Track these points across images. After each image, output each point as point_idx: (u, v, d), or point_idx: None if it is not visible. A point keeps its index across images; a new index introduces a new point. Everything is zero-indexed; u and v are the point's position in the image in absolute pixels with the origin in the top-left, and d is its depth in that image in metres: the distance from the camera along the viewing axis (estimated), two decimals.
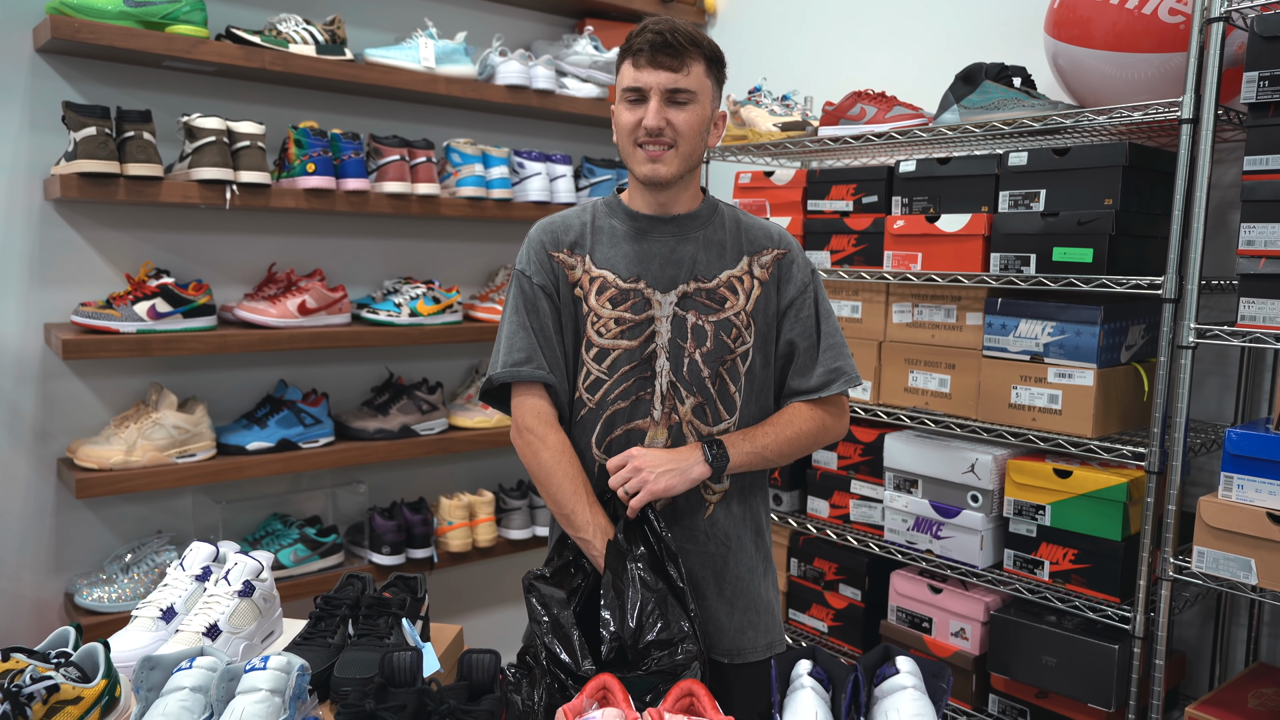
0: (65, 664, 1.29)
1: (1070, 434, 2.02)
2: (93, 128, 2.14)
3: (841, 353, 1.68)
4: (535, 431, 1.61)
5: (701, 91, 1.56)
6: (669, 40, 1.52)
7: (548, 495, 1.60)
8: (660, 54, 1.52)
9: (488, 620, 3.17)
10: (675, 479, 1.54)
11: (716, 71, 1.60)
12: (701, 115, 1.57)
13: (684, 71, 1.54)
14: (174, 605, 1.56)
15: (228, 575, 1.58)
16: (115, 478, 2.24)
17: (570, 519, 1.57)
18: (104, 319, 2.24)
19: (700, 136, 1.59)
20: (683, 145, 1.56)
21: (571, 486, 1.57)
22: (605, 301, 1.62)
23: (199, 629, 1.50)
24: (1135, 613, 1.91)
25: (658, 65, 1.53)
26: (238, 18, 2.54)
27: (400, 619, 1.53)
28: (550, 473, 1.59)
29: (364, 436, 2.65)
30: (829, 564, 2.51)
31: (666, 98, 1.54)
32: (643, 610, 1.41)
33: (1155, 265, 1.95)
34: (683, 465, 1.55)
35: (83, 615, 2.26)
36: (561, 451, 1.59)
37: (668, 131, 1.55)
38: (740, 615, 1.67)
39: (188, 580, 1.61)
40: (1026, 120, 2.04)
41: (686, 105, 1.55)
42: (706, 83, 1.57)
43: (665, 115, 1.54)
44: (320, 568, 2.58)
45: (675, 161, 1.57)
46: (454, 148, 2.77)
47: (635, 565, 1.46)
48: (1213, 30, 1.76)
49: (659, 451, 1.57)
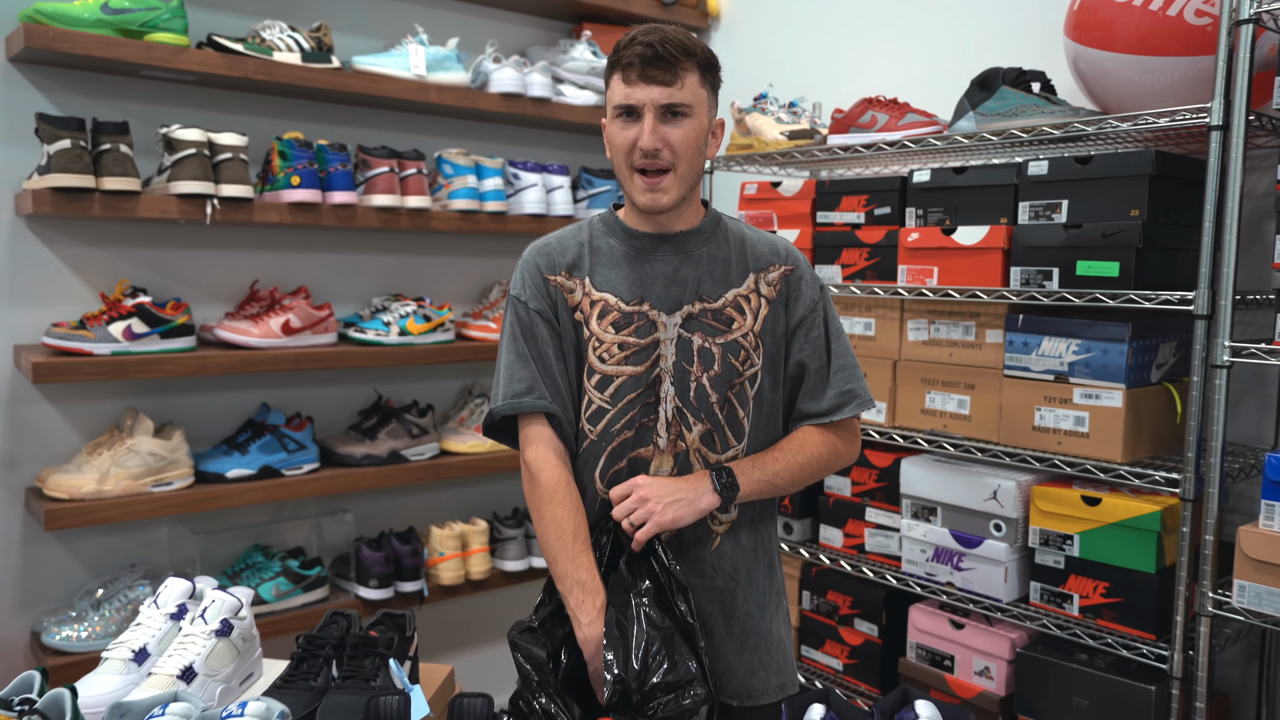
0: (29, 712, 1.26)
1: (1099, 458, 1.99)
2: (67, 140, 2.13)
3: (854, 374, 1.66)
4: (533, 467, 1.60)
5: (697, 103, 1.54)
6: (660, 52, 1.49)
7: (538, 535, 1.60)
8: (651, 67, 1.50)
9: (481, 658, 3.13)
10: (683, 509, 1.51)
11: (712, 79, 1.58)
12: (699, 129, 1.55)
13: (678, 84, 1.51)
14: (146, 646, 1.53)
15: (204, 613, 1.55)
16: (87, 508, 2.22)
17: (552, 566, 1.56)
18: (77, 340, 2.22)
19: (699, 152, 1.56)
20: (681, 165, 1.54)
21: (557, 533, 1.55)
22: (608, 326, 1.59)
23: (173, 671, 1.46)
24: (1172, 651, 1.87)
25: (650, 80, 1.50)
26: (219, 25, 2.54)
27: (387, 660, 1.50)
28: (540, 514, 1.58)
29: (351, 463, 2.63)
30: (843, 597, 2.47)
31: (661, 114, 1.52)
32: (648, 650, 1.38)
33: (1186, 279, 1.93)
34: (691, 495, 1.53)
35: (50, 656, 2.23)
36: (555, 491, 1.57)
37: (665, 153, 1.52)
38: (750, 654, 1.64)
39: (161, 619, 1.57)
40: (1046, 127, 2.02)
41: (683, 120, 1.53)
42: (702, 93, 1.55)
43: (661, 134, 1.52)
44: (303, 603, 2.55)
45: (675, 186, 1.55)
46: (446, 159, 2.75)
47: (640, 600, 1.43)
48: (1242, 32, 1.74)
49: (665, 480, 1.55)
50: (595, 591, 1.51)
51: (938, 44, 2.67)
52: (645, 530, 1.50)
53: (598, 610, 1.50)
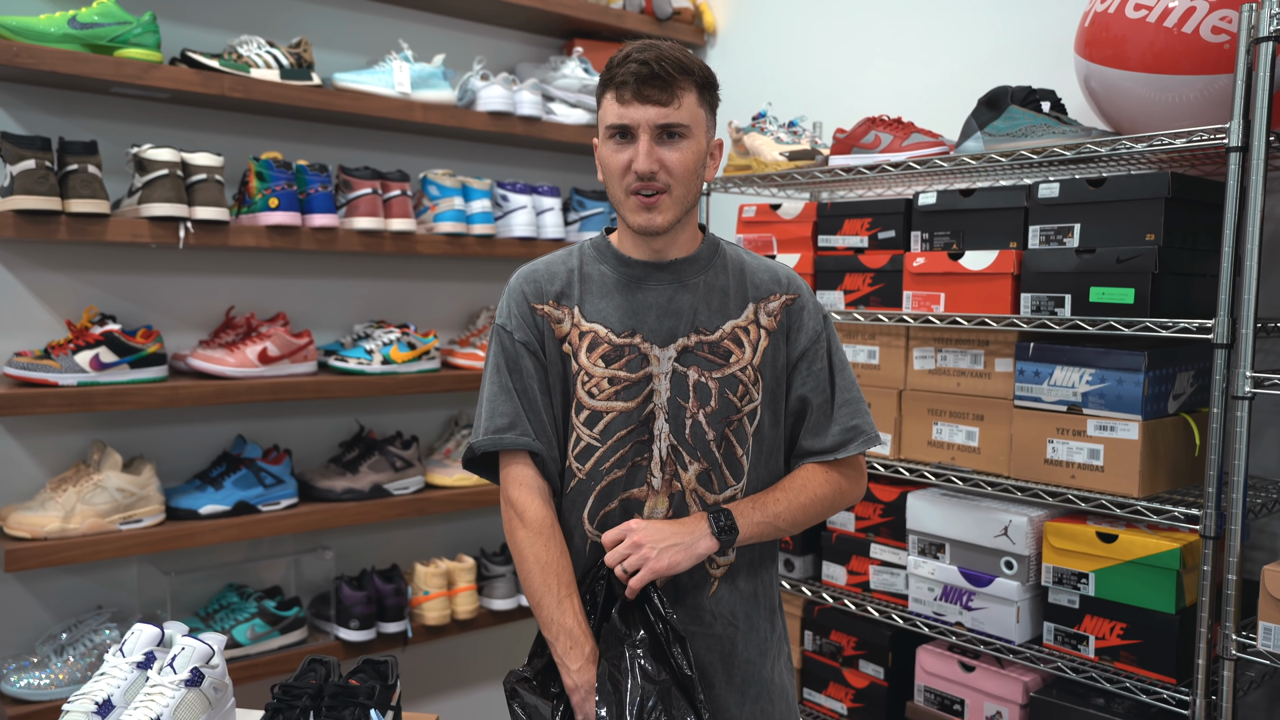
0: None
1: (1114, 493, 1.98)
2: (32, 160, 2.12)
3: (859, 409, 1.65)
4: (516, 507, 1.58)
5: (695, 124, 1.53)
6: (656, 70, 1.47)
7: (521, 580, 1.58)
8: (647, 86, 1.48)
9: (468, 703, 3.10)
10: (679, 555, 1.50)
11: (710, 98, 1.57)
12: (697, 151, 1.53)
13: (675, 104, 1.49)
14: (111, 697, 1.50)
15: (173, 662, 1.52)
16: (50, 547, 2.19)
17: (537, 612, 1.55)
18: (41, 370, 2.20)
19: (696, 175, 1.55)
20: (678, 188, 1.52)
21: (541, 576, 1.54)
22: (597, 359, 1.57)
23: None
24: (1194, 695, 1.85)
25: (645, 99, 1.49)
26: (194, 40, 2.53)
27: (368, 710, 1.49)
28: (522, 558, 1.57)
29: (331, 497, 2.61)
30: (847, 637, 2.45)
31: (657, 135, 1.50)
32: (643, 705, 1.36)
33: (1204, 307, 1.92)
34: (687, 539, 1.51)
35: (10, 705, 2.19)
36: (538, 532, 1.56)
37: (661, 175, 1.51)
38: (752, 704, 1.62)
39: (127, 668, 1.55)
40: (1057, 148, 2.02)
41: (680, 142, 1.51)
42: (700, 113, 1.54)
43: (657, 155, 1.50)
44: (280, 645, 2.51)
45: (671, 208, 1.53)
46: (431, 180, 2.75)
47: (634, 652, 1.41)
48: (1261, 50, 1.74)
49: (660, 524, 1.53)
50: (583, 637, 1.50)
51: (944, 61, 2.68)
52: (639, 578, 1.48)
53: (585, 657, 1.48)
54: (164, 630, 1.62)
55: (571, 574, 1.55)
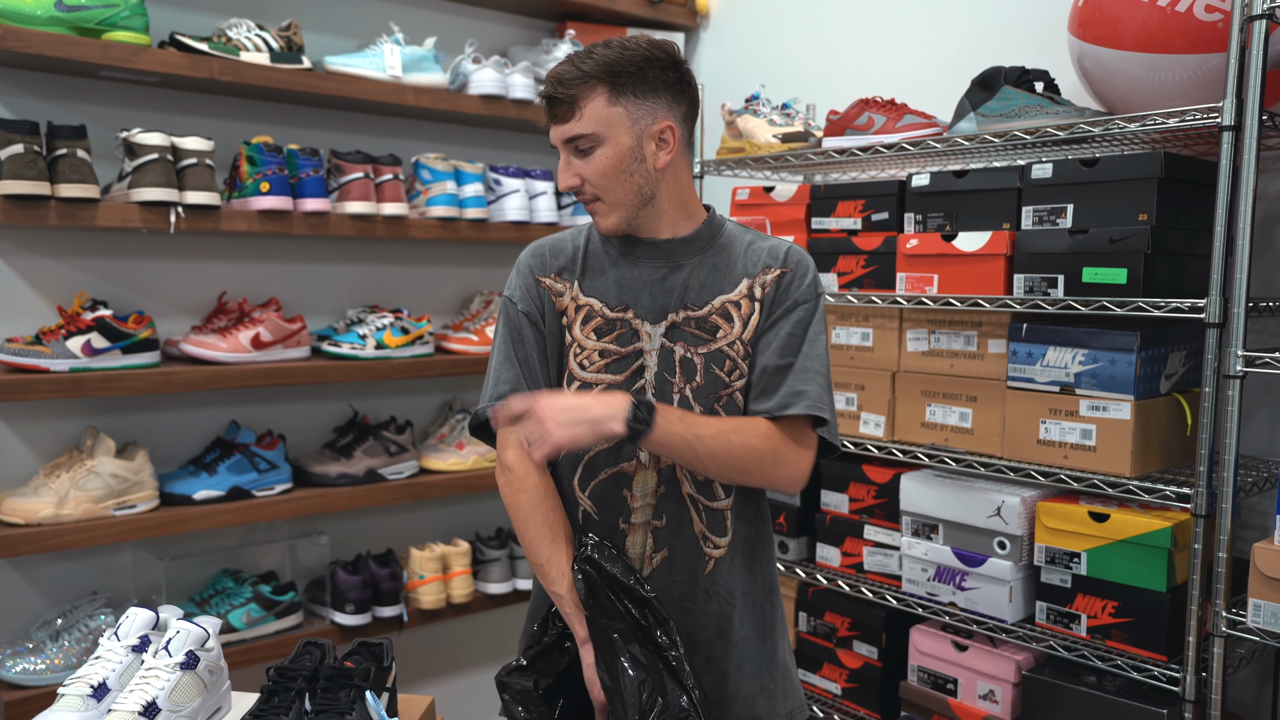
0: None
1: (1106, 473, 1.99)
2: (20, 145, 2.11)
3: (813, 379, 1.56)
4: (515, 471, 1.60)
5: (606, 127, 1.54)
6: (554, 91, 1.55)
7: (523, 542, 1.61)
8: (553, 105, 1.57)
9: (464, 686, 3.11)
10: (582, 430, 1.44)
11: (631, 86, 1.53)
12: (615, 152, 1.54)
13: (576, 117, 1.54)
14: (106, 680, 1.50)
15: (168, 645, 1.52)
16: (44, 533, 2.19)
17: (544, 570, 1.57)
18: (32, 356, 2.19)
19: (624, 173, 1.55)
20: (606, 193, 1.57)
21: (550, 534, 1.57)
22: (590, 332, 1.61)
23: (135, 708, 1.44)
24: (1184, 672, 1.86)
25: (553, 118, 1.57)
26: (183, 23, 2.52)
27: (364, 691, 1.49)
28: (527, 518, 1.58)
29: (325, 482, 2.61)
30: (841, 618, 2.46)
31: (572, 149, 1.57)
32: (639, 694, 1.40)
33: (1196, 286, 1.92)
34: (595, 415, 1.45)
35: (5, 690, 2.20)
36: (542, 495, 1.59)
37: (586, 186, 1.58)
38: (750, 681, 1.63)
39: (122, 651, 1.55)
40: (1050, 129, 2.02)
41: (592, 151, 1.56)
42: (612, 112, 1.53)
43: (575, 169, 1.57)
44: (276, 630, 2.52)
45: (610, 212, 1.59)
46: (423, 164, 2.74)
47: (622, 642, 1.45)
48: (1254, 28, 1.74)
49: (571, 397, 1.49)
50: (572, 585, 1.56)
51: (937, 42, 2.67)
52: (539, 449, 1.44)
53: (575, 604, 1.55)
54: (159, 614, 1.63)
55: (564, 522, 1.60)
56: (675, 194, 1.62)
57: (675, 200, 1.62)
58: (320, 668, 1.54)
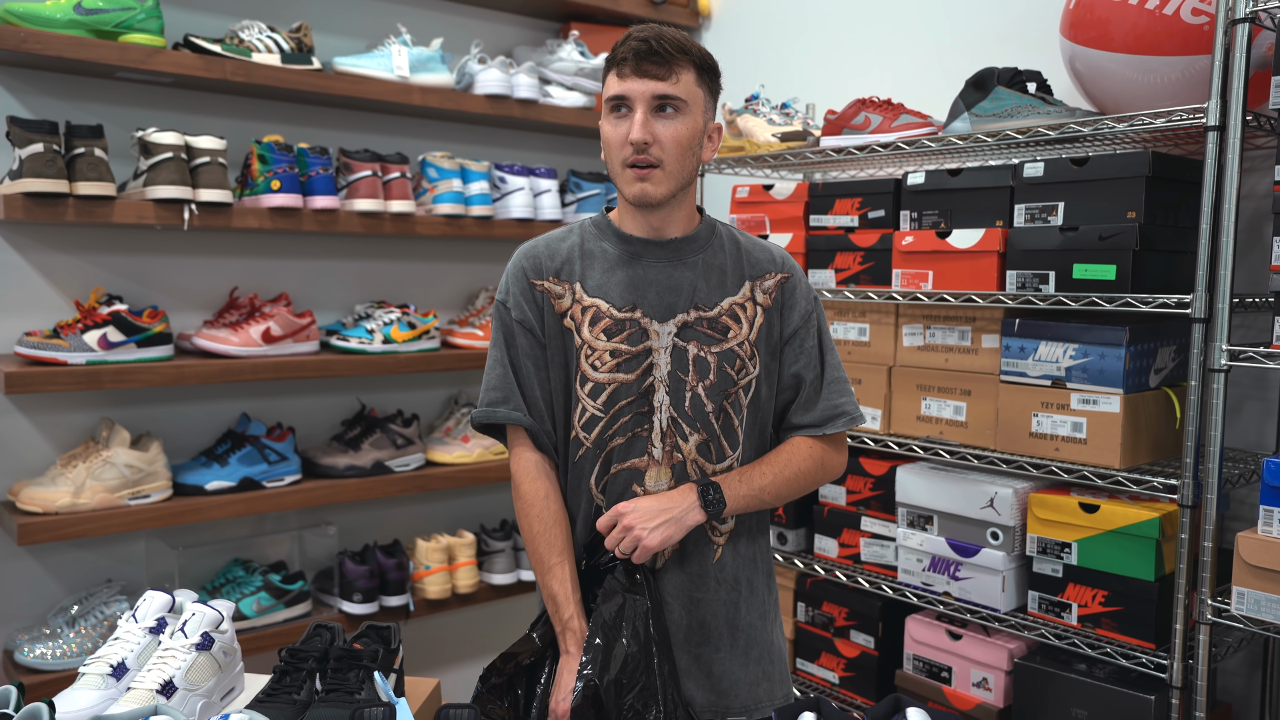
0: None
1: (1096, 465, 2.03)
2: (40, 144, 2.14)
3: (844, 388, 1.72)
4: (518, 483, 1.66)
5: (692, 101, 1.56)
6: (654, 47, 1.52)
7: (531, 561, 1.66)
8: (646, 61, 1.52)
9: (468, 674, 3.14)
10: (671, 529, 1.56)
11: (709, 81, 1.60)
12: (692, 128, 1.57)
13: (672, 79, 1.53)
14: (125, 660, 1.54)
15: (184, 627, 1.56)
16: (61, 522, 2.23)
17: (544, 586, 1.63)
18: (50, 349, 2.23)
19: (691, 152, 1.58)
20: (670, 162, 1.55)
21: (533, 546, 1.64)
22: (600, 333, 1.61)
23: (152, 686, 1.47)
24: (1172, 660, 1.90)
25: (643, 74, 1.53)
26: (196, 25, 2.56)
27: (372, 672, 1.52)
28: (531, 536, 1.64)
29: (333, 474, 2.64)
30: (839, 608, 2.49)
31: (654, 108, 1.54)
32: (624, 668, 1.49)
33: (1183, 282, 1.96)
34: (677, 513, 1.57)
35: (24, 674, 2.24)
36: (541, 511, 1.63)
37: (654, 148, 1.54)
38: (755, 666, 1.68)
39: (140, 633, 1.59)
40: (1042, 128, 2.06)
41: (675, 116, 1.55)
42: (698, 92, 1.57)
43: (651, 128, 1.53)
44: (285, 618, 2.56)
45: (664, 181, 1.56)
46: (430, 162, 2.78)
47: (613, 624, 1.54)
48: (1238, 31, 1.78)
49: (649, 501, 1.58)
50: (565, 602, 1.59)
51: (932, 44, 2.71)
52: (638, 557, 1.56)
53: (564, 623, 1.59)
54: (175, 598, 1.67)
55: (565, 540, 1.63)
56: (693, 192, 1.68)
57: (691, 198, 1.67)
58: (330, 649, 1.58)
